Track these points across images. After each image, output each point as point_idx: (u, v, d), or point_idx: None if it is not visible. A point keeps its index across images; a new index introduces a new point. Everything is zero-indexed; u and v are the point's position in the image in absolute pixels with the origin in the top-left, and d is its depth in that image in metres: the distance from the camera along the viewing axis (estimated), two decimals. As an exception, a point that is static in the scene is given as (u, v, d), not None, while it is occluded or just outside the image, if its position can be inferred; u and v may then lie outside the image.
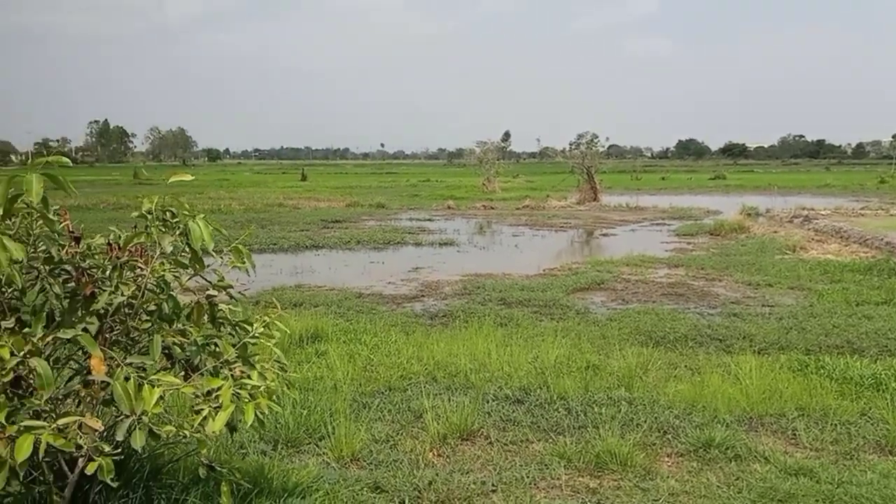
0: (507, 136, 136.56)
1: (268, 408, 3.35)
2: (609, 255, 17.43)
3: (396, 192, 46.55)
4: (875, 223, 22.75)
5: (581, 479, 4.74)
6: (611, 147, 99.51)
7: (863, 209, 28.93)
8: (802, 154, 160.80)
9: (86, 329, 3.20)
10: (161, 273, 3.44)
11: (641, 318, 10.00)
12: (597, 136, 43.44)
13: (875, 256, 16.32)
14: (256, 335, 3.70)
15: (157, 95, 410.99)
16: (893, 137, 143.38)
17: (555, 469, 4.84)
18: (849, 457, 5.13)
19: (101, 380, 3.03)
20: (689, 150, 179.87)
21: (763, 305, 11.14)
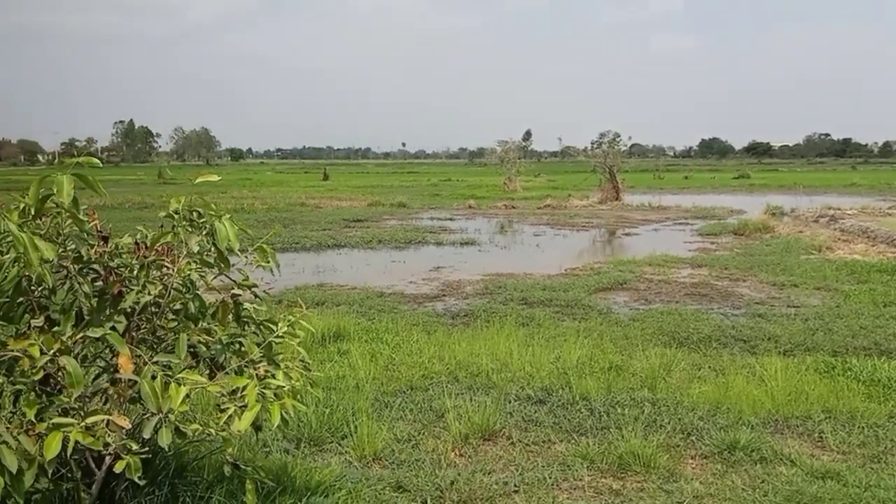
0: (529, 135, 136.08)
1: (292, 407, 3.37)
2: (631, 255, 17.29)
3: (417, 192, 46.61)
4: (903, 223, 22.36)
5: (604, 481, 4.72)
6: (633, 146, 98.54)
7: (890, 209, 28.39)
8: (828, 153, 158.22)
9: (114, 328, 3.24)
10: (187, 272, 3.48)
11: (664, 319, 9.92)
12: (619, 135, 42.80)
13: (903, 257, 16.05)
14: (281, 334, 3.72)
15: (181, 96, 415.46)
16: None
17: (577, 470, 4.82)
18: (877, 460, 5.05)
19: (129, 378, 3.07)
20: (713, 149, 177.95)
21: (788, 306, 10.99)
